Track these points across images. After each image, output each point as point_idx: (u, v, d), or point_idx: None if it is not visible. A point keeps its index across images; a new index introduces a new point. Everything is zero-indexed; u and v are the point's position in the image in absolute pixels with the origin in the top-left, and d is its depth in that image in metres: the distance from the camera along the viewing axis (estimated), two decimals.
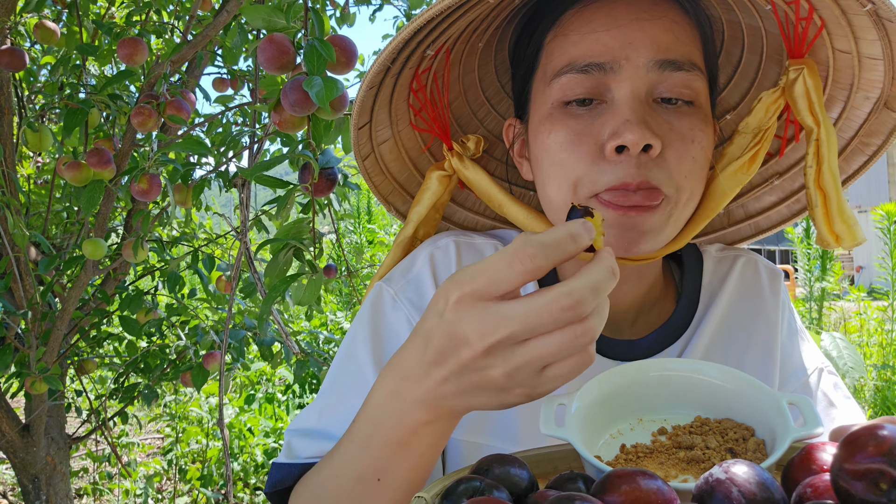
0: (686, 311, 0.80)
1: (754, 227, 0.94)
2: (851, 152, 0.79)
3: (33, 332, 1.70)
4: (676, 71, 0.67)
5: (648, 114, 0.66)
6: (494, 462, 0.45)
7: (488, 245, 0.82)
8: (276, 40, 0.93)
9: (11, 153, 1.68)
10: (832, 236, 0.71)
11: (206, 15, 1.96)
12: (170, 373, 1.99)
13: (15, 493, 3.09)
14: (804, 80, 0.69)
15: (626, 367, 0.58)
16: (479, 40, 0.80)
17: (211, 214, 2.67)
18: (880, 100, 0.72)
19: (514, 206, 0.80)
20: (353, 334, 0.79)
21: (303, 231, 1.05)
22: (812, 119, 0.69)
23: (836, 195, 0.70)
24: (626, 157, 0.65)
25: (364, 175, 0.85)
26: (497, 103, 0.91)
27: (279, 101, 0.97)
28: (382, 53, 0.67)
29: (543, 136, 0.71)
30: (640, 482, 0.37)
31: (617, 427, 0.56)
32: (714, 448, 0.50)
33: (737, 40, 0.82)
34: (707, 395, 0.56)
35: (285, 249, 1.04)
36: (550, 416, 0.51)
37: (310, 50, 0.87)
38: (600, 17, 0.68)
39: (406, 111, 0.81)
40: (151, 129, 1.37)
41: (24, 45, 2.08)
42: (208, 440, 3.27)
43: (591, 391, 0.55)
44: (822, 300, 4.42)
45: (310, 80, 0.85)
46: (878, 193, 15.97)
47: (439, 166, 0.84)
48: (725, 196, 0.74)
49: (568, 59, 0.69)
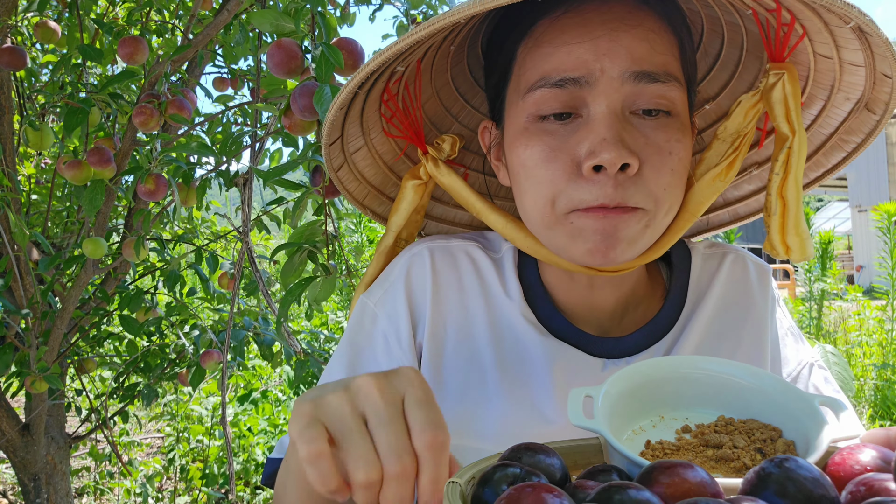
0: (673, 309, 0.80)
1: (732, 214, 0.94)
2: (830, 148, 0.79)
3: (33, 331, 1.70)
4: (652, 83, 0.65)
5: (625, 129, 0.65)
6: (525, 450, 0.44)
7: (462, 248, 0.82)
8: (284, 45, 0.93)
9: (12, 152, 1.68)
10: (783, 247, 0.70)
11: (207, 14, 1.96)
12: (169, 372, 1.99)
13: (15, 493, 3.09)
14: (783, 85, 0.67)
15: (648, 363, 0.57)
16: (450, 44, 0.79)
17: (212, 214, 2.66)
18: (860, 101, 0.72)
19: (492, 215, 0.79)
20: (339, 346, 0.81)
21: (316, 233, 1.05)
22: (788, 127, 0.68)
23: (795, 206, 0.69)
24: (603, 175, 0.64)
25: (338, 185, 0.84)
26: (471, 98, 0.90)
27: (289, 105, 0.98)
28: (353, 79, 0.66)
29: (520, 150, 0.70)
30: (684, 474, 0.36)
31: (639, 423, 0.55)
32: (742, 447, 0.49)
33: (716, 35, 0.81)
34: (730, 395, 0.55)
35: (300, 252, 1.04)
36: (579, 408, 0.51)
37: (318, 56, 0.87)
38: (573, 28, 0.67)
39: (378, 120, 0.80)
40: (153, 128, 1.37)
41: (24, 43, 2.08)
42: (209, 439, 3.28)
43: (615, 386, 0.54)
44: (821, 300, 4.42)
45: (319, 94, 0.85)
46: (878, 193, 15.96)
47: (414, 173, 0.83)
48: (703, 204, 0.73)
49: (541, 72, 0.68)
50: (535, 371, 0.75)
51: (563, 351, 0.75)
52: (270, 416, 3.59)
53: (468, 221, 0.98)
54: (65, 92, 1.59)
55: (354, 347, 0.79)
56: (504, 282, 0.79)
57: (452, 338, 0.77)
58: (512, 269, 0.80)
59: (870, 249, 14.95)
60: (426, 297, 0.78)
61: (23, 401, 2.17)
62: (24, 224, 1.53)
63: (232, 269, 1.95)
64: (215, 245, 2.52)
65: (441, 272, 0.79)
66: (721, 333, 0.80)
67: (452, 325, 0.77)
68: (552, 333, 0.77)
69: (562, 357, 0.75)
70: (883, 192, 15.89)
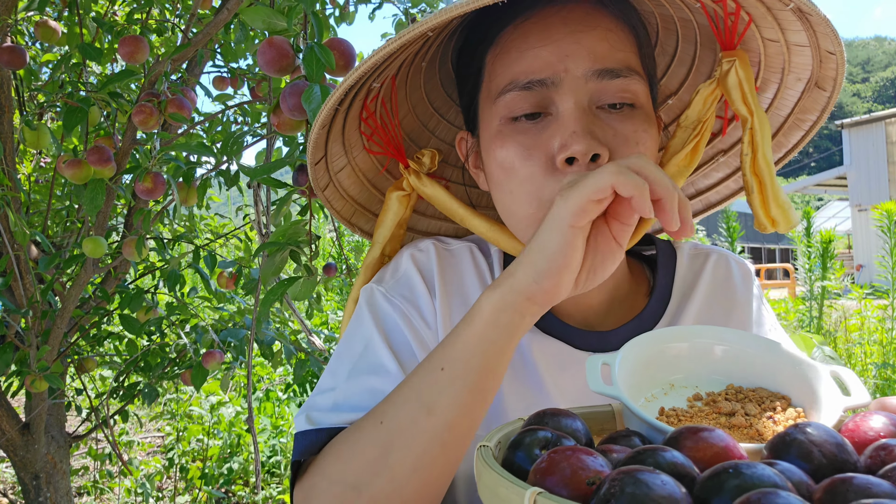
0: (659, 304, 0.82)
1: (704, 202, 0.98)
2: (789, 128, 0.84)
3: (33, 330, 1.70)
4: (615, 78, 0.69)
5: (594, 122, 0.68)
6: (550, 415, 0.45)
7: (464, 250, 0.84)
8: (275, 43, 0.93)
9: (12, 151, 1.68)
10: (768, 220, 0.74)
11: (207, 13, 1.96)
12: (170, 371, 1.99)
13: (15, 492, 3.09)
14: (736, 71, 0.72)
15: (657, 333, 0.59)
16: (421, 60, 0.82)
17: (212, 213, 2.66)
18: (811, 80, 0.76)
19: (475, 220, 0.82)
20: (360, 332, 0.78)
21: (299, 233, 1.05)
22: (745, 109, 0.72)
23: (770, 181, 0.73)
24: (576, 167, 0.67)
25: (325, 204, 0.87)
26: (446, 112, 0.93)
27: (278, 104, 0.98)
28: (332, 97, 0.68)
29: (496, 152, 0.73)
30: (709, 438, 0.37)
31: (651, 391, 0.56)
32: (755, 415, 0.51)
33: (671, 32, 0.84)
34: (738, 364, 0.57)
35: (281, 250, 1.04)
36: (597, 374, 0.53)
37: (309, 54, 0.87)
38: (536, 33, 0.70)
39: (358, 138, 0.83)
40: (153, 127, 1.37)
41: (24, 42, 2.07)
42: (209, 439, 3.27)
43: (630, 354, 0.56)
44: (822, 299, 4.42)
45: (308, 93, 0.85)
46: (878, 192, 15.96)
47: (398, 186, 0.85)
48: None
49: (510, 76, 0.71)
50: (525, 365, 0.78)
51: (550, 345, 0.78)
52: (272, 416, 3.59)
53: (453, 233, 0.99)
54: (65, 91, 1.59)
55: (376, 320, 0.78)
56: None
57: None
58: (500, 269, 0.83)
59: (870, 249, 14.95)
60: (435, 284, 0.80)
61: (23, 400, 2.18)
62: (24, 223, 1.53)
63: (230, 269, 1.94)
64: (215, 244, 2.52)
65: (446, 267, 0.82)
66: None
67: (458, 314, 0.79)
68: (540, 329, 0.79)
69: (548, 351, 0.78)
70: (883, 190, 15.89)
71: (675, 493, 0.31)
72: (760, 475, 0.31)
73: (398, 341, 0.76)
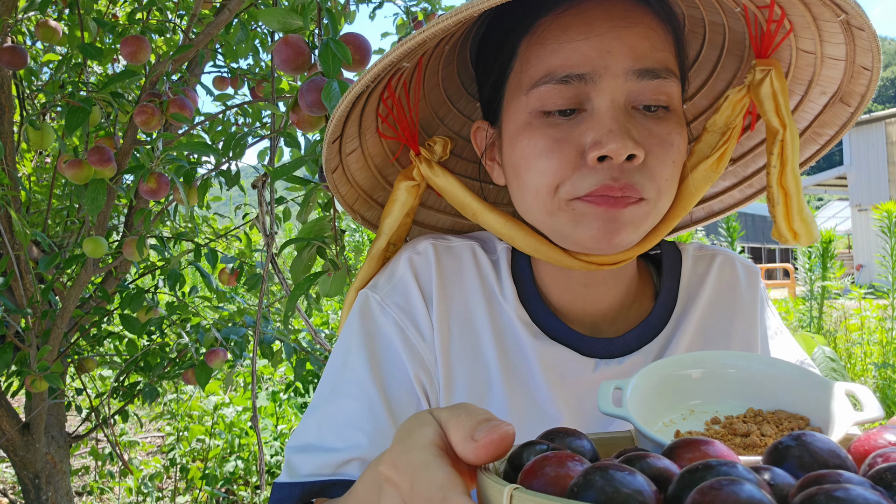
0: (664, 309, 0.81)
1: (707, 209, 0.97)
2: (804, 141, 0.82)
3: (34, 330, 1.70)
4: (654, 80, 0.67)
5: (629, 122, 0.66)
6: (557, 434, 0.45)
7: (465, 248, 0.81)
8: (291, 42, 0.93)
9: (12, 151, 1.68)
10: (791, 233, 0.73)
11: (207, 13, 1.96)
12: (170, 371, 1.99)
13: (15, 492, 3.09)
14: (771, 81, 0.70)
15: (676, 359, 0.58)
16: (445, 44, 0.79)
17: (212, 213, 2.67)
18: (836, 95, 0.74)
19: (489, 214, 0.79)
20: (346, 343, 0.78)
21: (325, 229, 1.05)
22: (778, 121, 0.71)
23: (797, 194, 0.71)
24: (607, 165, 0.65)
25: (332, 187, 0.84)
26: (457, 101, 0.90)
27: (296, 101, 0.98)
28: (369, 73, 0.66)
29: (522, 144, 0.70)
30: (705, 449, 0.37)
31: (669, 416, 0.56)
32: (770, 435, 0.51)
33: (696, 35, 0.83)
34: (758, 388, 0.56)
35: (309, 247, 1.04)
36: (608, 397, 0.52)
37: (325, 51, 0.87)
38: (577, 26, 0.68)
39: (373, 121, 0.80)
40: (154, 127, 1.37)
41: (25, 42, 2.07)
42: (210, 439, 3.28)
43: (644, 379, 0.55)
44: (822, 299, 4.42)
45: (328, 89, 0.85)
46: (878, 192, 15.97)
47: (407, 174, 0.82)
48: (696, 194, 0.76)
49: (546, 68, 0.68)
50: (530, 370, 0.76)
51: (556, 351, 0.76)
52: (273, 416, 3.59)
53: (450, 226, 0.97)
54: (66, 91, 1.59)
55: (366, 331, 0.76)
56: (500, 282, 0.80)
57: (456, 333, 0.77)
58: (506, 270, 0.80)
59: (870, 248, 14.96)
60: (432, 291, 0.77)
61: (23, 400, 2.18)
62: (25, 223, 1.53)
63: (231, 265, 1.95)
64: (216, 244, 2.52)
65: (445, 268, 0.79)
66: (711, 334, 0.81)
67: (456, 320, 0.77)
68: (545, 333, 0.77)
69: (554, 357, 0.76)
70: (883, 190, 15.90)
71: (644, 487, 0.31)
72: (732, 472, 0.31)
73: (386, 360, 0.74)
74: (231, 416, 3.36)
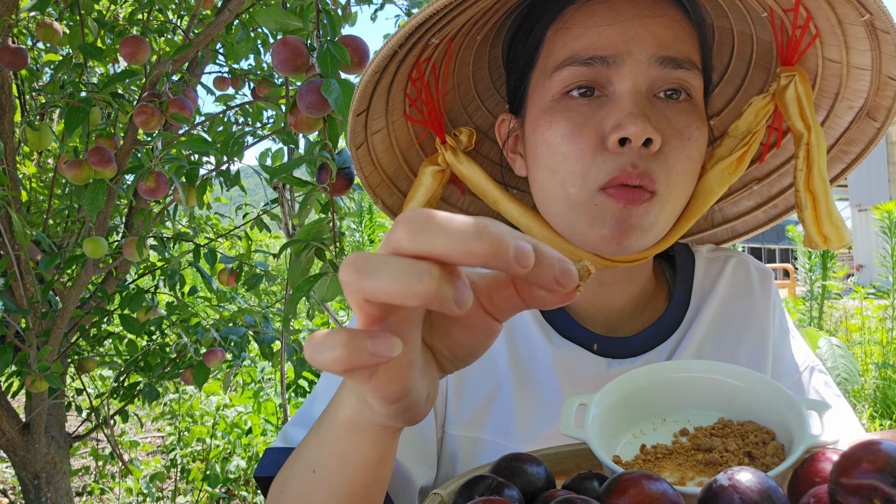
0: (678, 310, 0.81)
1: (731, 231, 0.95)
2: (831, 160, 0.81)
3: (34, 330, 1.70)
4: (676, 69, 0.68)
5: (649, 109, 0.67)
6: (513, 460, 0.46)
7: None
8: (289, 43, 0.93)
9: (12, 151, 1.68)
10: (820, 237, 0.72)
11: (207, 14, 1.96)
12: (170, 371, 1.99)
13: (15, 492, 3.09)
14: (795, 86, 0.70)
15: (650, 368, 0.58)
16: (477, 34, 0.80)
17: (213, 213, 2.67)
18: (863, 109, 0.74)
19: (509, 203, 0.79)
20: None
21: (323, 231, 1.04)
22: (802, 124, 0.71)
23: (825, 198, 0.71)
24: (627, 149, 0.66)
25: (356, 164, 0.84)
26: (486, 99, 0.90)
27: (294, 102, 0.97)
28: (393, 37, 0.66)
29: (543, 129, 0.71)
30: (646, 486, 0.38)
31: (640, 427, 0.56)
32: (732, 451, 0.50)
33: (725, 47, 0.83)
34: (730, 398, 0.56)
35: (307, 249, 1.04)
36: (570, 417, 0.52)
37: (323, 52, 0.87)
38: (603, 12, 0.69)
39: (402, 101, 0.80)
40: (154, 127, 1.37)
41: (26, 42, 2.07)
42: (211, 439, 3.27)
43: (613, 392, 0.55)
44: (822, 299, 4.42)
45: (327, 84, 0.85)
46: (878, 192, 15.96)
47: (432, 161, 0.83)
48: (712, 195, 0.75)
49: (570, 51, 0.70)
50: (541, 369, 0.76)
51: (568, 350, 0.76)
52: (274, 414, 3.59)
53: None
54: (66, 91, 1.59)
55: None
56: None
57: None
58: None
59: (870, 249, 14.95)
60: None
61: (23, 400, 2.17)
62: (25, 223, 1.53)
63: (230, 265, 1.94)
64: (219, 244, 2.52)
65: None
66: (723, 336, 0.81)
67: None
68: (558, 332, 0.77)
69: (566, 356, 0.76)
70: (883, 191, 15.89)
71: None
72: None
73: None
74: (232, 417, 3.36)
